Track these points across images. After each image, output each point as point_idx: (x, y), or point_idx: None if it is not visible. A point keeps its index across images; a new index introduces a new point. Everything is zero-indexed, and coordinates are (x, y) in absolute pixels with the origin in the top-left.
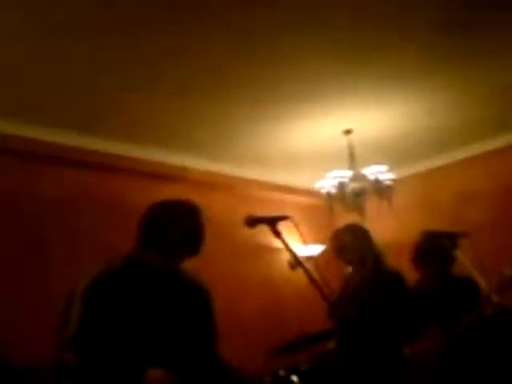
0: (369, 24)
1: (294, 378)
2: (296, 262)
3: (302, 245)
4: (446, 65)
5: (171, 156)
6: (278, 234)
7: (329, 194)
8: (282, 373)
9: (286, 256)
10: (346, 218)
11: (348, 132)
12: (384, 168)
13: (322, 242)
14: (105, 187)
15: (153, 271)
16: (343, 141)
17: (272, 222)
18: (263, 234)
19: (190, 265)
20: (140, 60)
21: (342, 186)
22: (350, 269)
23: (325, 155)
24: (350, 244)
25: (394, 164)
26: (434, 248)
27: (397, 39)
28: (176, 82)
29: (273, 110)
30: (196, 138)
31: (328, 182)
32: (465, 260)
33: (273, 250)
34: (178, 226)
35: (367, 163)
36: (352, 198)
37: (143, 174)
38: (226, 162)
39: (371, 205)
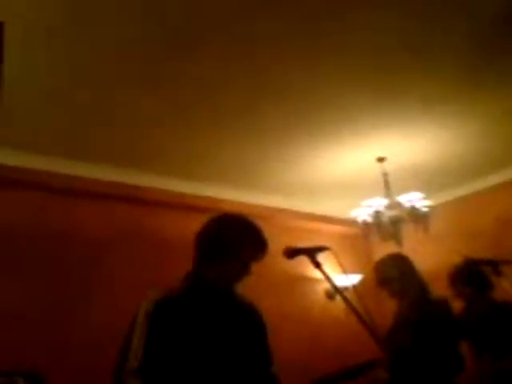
0: (401, 50)
1: None
2: (336, 293)
3: (342, 275)
4: (480, 90)
5: (207, 188)
6: (317, 265)
7: (365, 223)
8: None
9: (322, 286)
10: (382, 247)
11: (382, 160)
12: (420, 195)
13: (359, 271)
14: (149, 221)
15: (216, 293)
16: (377, 168)
17: (311, 253)
18: (299, 264)
19: None
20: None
21: (378, 214)
22: (396, 301)
23: (359, 183)
24: (394, 275)
25: (429, 190)
26: (474, 275)
27: (428, 66)
28: (210, 118)
29: (306, 139)
30: (231, 170)
31: (364, 211)
32: (509, 287)
33: (309, 281)
34: (245, 239)
35: (402, 190)
36: (388, 226)
37: (183, 207)
38: (260, 192)
39: (408, 232)
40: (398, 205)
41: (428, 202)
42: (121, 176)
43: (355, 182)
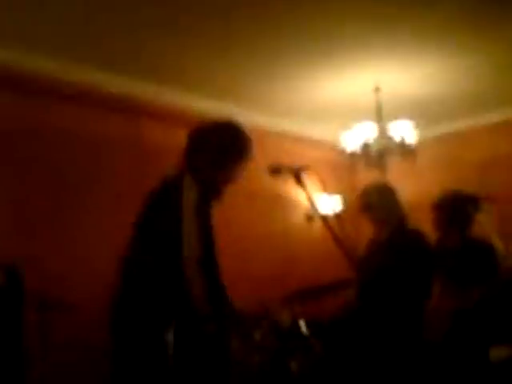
0: None
1: (302, 324)
2: (316, 214)
3: (322, 194)
4: (476, 28)
5: (196, 101)
6: (301, 184)
7: (352, 151)
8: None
9: (303, 209)
10: (367, 177)
11: (377, 89)
12: (409, 124)
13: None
14: (123, 129)
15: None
16: (371, 97)
17: (296, 172)
18: (282, 185)
19: None
20: None
21: (366, 143)
22: (374, 227)
23: (352, 111)
24: (378, 202)
25: (419, 124)
26: (458, 210)
27: None
28: (200, 28)
29: (302, 60)
30: (220, 84)
31: (352, 138)
32: (486, 224)
33: (289, 202)
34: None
35: (393, 122)
36: (375, 155)
37: (161, 117)
38: (249, 109)
39: (394, 164)
40: (387, 136)
41: (416, 135)
42: (107, 82)
43: (349, 108)
